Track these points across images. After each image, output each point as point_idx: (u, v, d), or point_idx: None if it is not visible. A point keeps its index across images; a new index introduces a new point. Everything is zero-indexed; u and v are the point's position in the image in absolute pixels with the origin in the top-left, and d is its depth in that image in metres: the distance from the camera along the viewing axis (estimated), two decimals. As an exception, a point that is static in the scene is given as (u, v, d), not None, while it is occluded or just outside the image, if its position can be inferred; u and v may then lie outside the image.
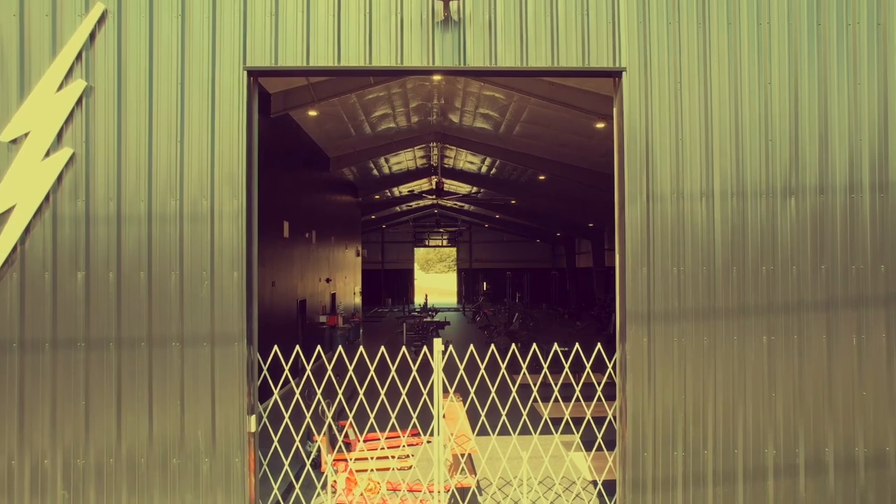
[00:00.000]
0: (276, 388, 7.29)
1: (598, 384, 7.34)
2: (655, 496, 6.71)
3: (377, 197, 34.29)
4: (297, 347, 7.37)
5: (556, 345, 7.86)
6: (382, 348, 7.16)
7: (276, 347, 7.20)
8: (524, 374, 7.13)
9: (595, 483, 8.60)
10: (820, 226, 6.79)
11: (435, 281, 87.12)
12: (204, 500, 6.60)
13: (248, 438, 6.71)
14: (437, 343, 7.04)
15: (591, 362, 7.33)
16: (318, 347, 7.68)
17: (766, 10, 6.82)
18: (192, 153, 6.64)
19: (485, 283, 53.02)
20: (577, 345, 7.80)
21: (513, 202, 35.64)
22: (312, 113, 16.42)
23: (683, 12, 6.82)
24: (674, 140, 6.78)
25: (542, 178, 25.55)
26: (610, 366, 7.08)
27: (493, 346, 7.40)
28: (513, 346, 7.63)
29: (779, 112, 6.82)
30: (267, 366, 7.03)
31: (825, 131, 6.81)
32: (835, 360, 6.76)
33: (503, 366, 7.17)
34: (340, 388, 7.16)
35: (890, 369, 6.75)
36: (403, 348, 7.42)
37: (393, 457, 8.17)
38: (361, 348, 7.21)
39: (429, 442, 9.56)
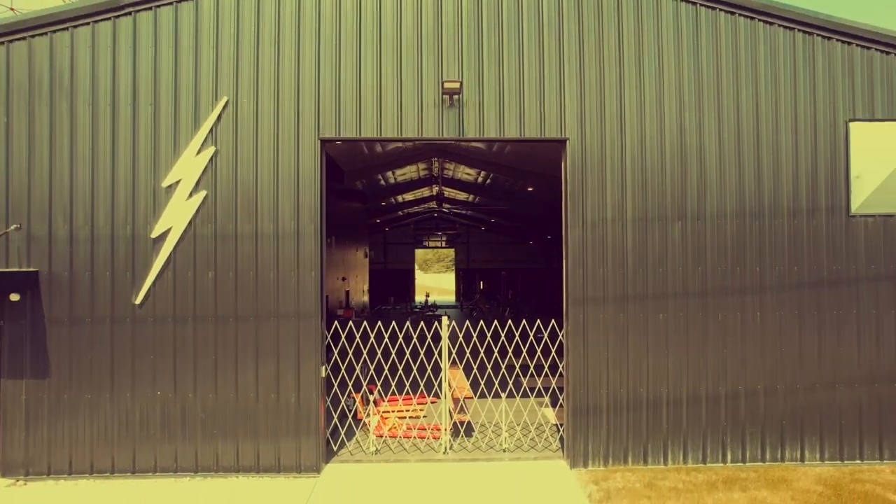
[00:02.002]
0: (335, 349, 10.72)
1: (552, 349, 10.82)
2: (589, 419, 10.20)
3: (383, 203, 37.77)
4: (351, 323, 10.84)
5: (523, 320, 11.31)
6: (408, 322, 10.64)
7: (336, 322, 10.66)
8: (502, 343, 10.56)
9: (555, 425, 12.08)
10: (697, 241, 10.28)
11: (434, 280, 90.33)
12: (294, 422, 10.06)
13: (319, 382, 10.17)
14: (445, 319, 10.51)
15: (547, 331, 10.83)
16: (365, 322, 11.15)
17: (665, 95, 10.30)
18: (284, 193, 10.10)
19: (481, 283, 56.28)
20: (538, 320, 11.27)
21: (504, 208, 38.99)
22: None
23: (607, 96, 10.29)
24: (600, 184, 10.25)
25: (530, 189, 28.96)
26: (561, 335, 10.55)
27: (481, 321, 10.88)
28: (495, 322, 11.10)
29: (670, 162, 10.30)
30: (330, 335, 10.48)
31: (703, 175, 10.29)
32: (707, 330, 10.26)
33: (489, 334, 10.65)
34: (379, 349, 10.65)
35: (743, 336, 10.25)
36: (422, 322, 10.82)
37: (410, 409, 11.61)
38: (394, 322, 10.68)
39: (433, 403, 13.06)
